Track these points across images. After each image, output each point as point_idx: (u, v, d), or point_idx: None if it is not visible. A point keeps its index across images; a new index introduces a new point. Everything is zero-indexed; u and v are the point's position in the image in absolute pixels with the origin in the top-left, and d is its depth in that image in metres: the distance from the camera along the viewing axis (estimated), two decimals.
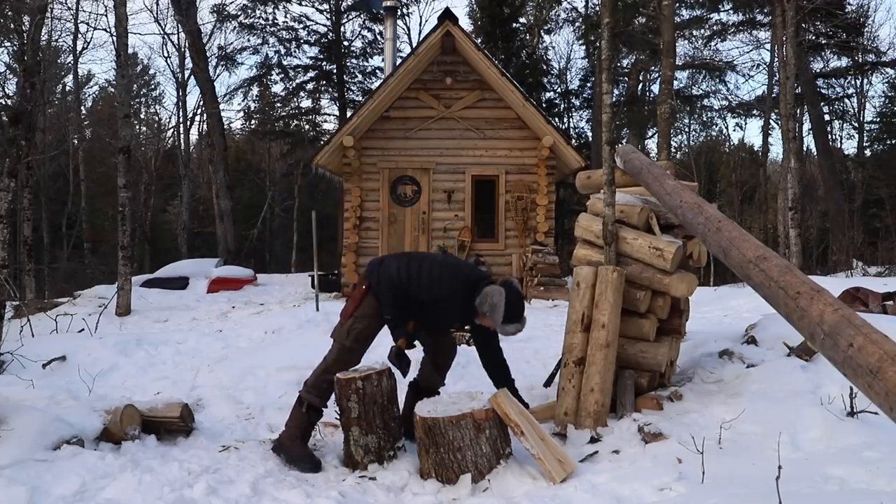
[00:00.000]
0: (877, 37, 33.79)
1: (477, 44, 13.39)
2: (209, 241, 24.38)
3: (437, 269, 3.82)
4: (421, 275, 3.75)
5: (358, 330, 3.81)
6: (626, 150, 4.86)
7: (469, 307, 3.75)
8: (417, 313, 3.82)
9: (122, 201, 10.96)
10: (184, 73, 25.63)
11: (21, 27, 12.68)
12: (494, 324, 3.70)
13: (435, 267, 3.83)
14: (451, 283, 3.76)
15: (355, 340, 3.82)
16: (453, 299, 3.75)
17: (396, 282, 3.73)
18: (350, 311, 3.84)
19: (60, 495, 3.15)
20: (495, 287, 3.72)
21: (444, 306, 3.78)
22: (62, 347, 6.19)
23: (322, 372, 3.86)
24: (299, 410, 3.87)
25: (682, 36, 22.37)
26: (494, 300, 3.67)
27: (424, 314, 3.82)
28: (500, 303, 3.66)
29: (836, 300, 2.24)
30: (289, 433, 3.87)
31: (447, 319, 3.95)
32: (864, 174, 23.32)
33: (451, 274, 3.80)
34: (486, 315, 3.69)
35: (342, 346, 3.83)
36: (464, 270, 3.90)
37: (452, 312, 3.85)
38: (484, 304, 3.69)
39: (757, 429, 3.62)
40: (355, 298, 3.86)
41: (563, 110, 27.81)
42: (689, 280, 4.23)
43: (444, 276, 3.78)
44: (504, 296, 3.67)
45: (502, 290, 3.69)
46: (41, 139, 20.38)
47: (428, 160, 13.54)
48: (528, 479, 3.36)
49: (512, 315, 3.70)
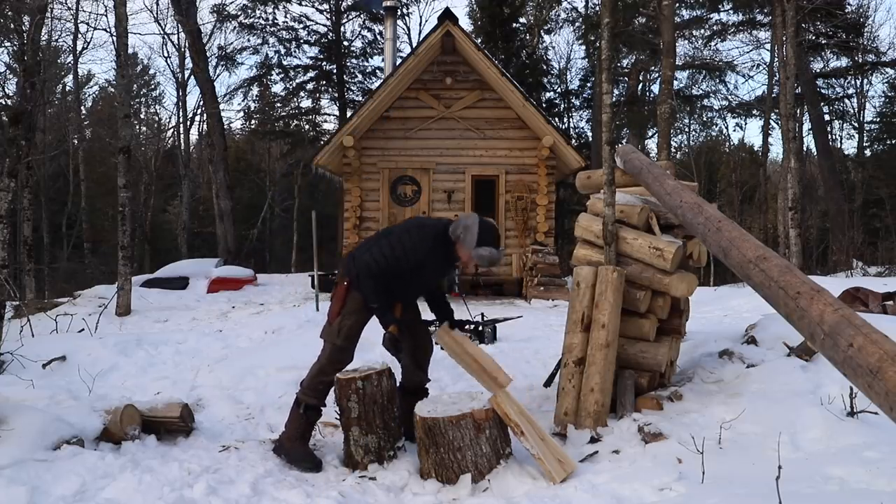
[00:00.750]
0: (877, 37, 33.83)
1: (477, 44, 13.40)
2: (209, 241, 24.39)
3: (406, 237, 3.81)
4: (395, 249, 3.74)
5: (347, 327, 3.81)
6: (626, 150, 4.86)
7: (449, 253, 3.81)
8: (404, 288, 3.84)
9: (122, 201, 10.96)
10: (184, 73, 25.66)
11: (21, 27, 12.68)
12: (468, 248, 3.69)
13: (405, 236, 3.82)
14: (425, 241, 3.78)
15: (346, 338, 3.81)
16: (434, 254, 3.78)
17: (375, 269, 3.72)
18: (336, 310, 3.85)
19: (60, 495, 3.15)
20: (469, 214, 3.82)
21: (428, 265, 3.81)
22: (62, 347, 6.19)
23: (317, 373, 3.86)
24: (297, 412, 3.88)
25: (682, 36, 22.37)
26: (468, 222, 3.73)
27: (411, 283, 3.85)
28: (474, 224, 3.70)
29: (836, 300, 2.24)
30: (288, 434, 3.87)
31: (433, 276, 4.02)
32: (864, 174, 23.32)
33: (422, 234, 3.82)
34: (461, 239, 3.71)
35: (334, 346, 3.83)
36: (429, 224, 3.95)
37: (436, 268, 3.91)
38: (458, 228, 3.73)
39: (757, 429, 3.62)
40: (339, 297, 3.86)
41: (563, 110, 27.82)
42: (689, 280, 4.23)
43: (416, 238, 3.79)
44: (477, 219, 3.74)
45: (476, 216, 3.78)
46: (41, 139, 20.38)
47: (428, 160, 13.55)
48: (528, 479, 3.36)
49: (486, 238, 3.69)
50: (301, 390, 3.90)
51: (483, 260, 3.72)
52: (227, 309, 11.30)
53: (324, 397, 3.90)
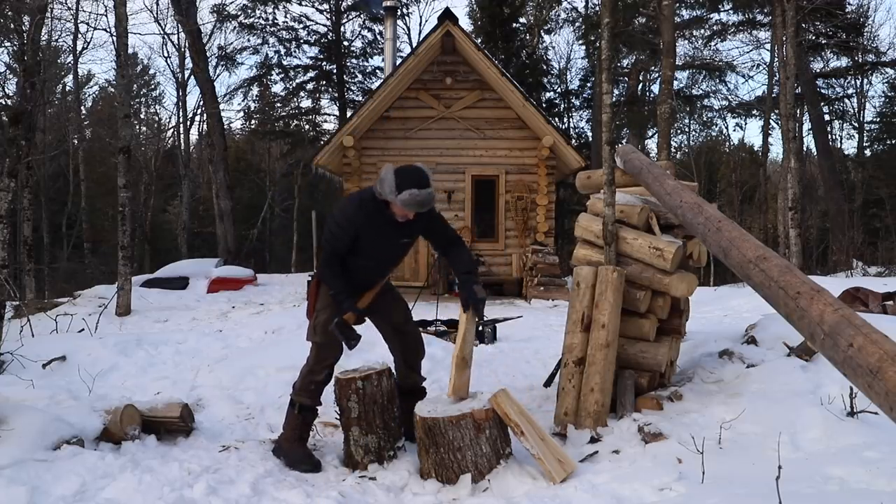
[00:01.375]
0: (877, 37, 33.85)
1: (477, 44, 13.40)
2: (209, 241, 24.39)
3: (338, 212, 3.72)
4: (331, 228, 3.66)
5: (321, 322, 3.74)
6: (626, 150, 4.86)
7: (388, 217, 3.59)
8: (363, 268, 3.73)
9: (122, 201, 10.96)
10: (184, 73, 25.65)
11: (21, 27, 12.69)
12: (392, 199, 3.45)
13: (336, 212, 3.74)
14: (352, 207, 3.63)
15: (323, 334, 3.75)
16: (369, 221, 3.60)
17: (330, 253, 3.66)
18: (311, 308, 3.87)
19: (60, 495, 3.15)
20: (385, 166, 3.58)
21: (371, 234, 3.62)
22: (62, 347, 6.18)
23: (307, 374, 3.83)
24: (293, 413, 3.85)
25: (682, 36, 22.38)
26: (383, 175, 3.49)
27: (369, 260, 3.71)
28: (388, 173, 3.46)
29: (836, 300, 2.24)
30: (286, 436, 3.85)
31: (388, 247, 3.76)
32: (864, 174, 23.32)
33: (349, 203, 3.69)
34: (382, 195, 3.49)
35: (317, 344, 3.80)
36: (357, 192, 3.82)
37: (383, 236, 3.66)
38: (377, 186, 3.54)
39: (757, 429, 3.61)
40: (312, 294, 3.88)
41: (563, 110, 27.84)
42: (689, 280, 4.23)
43: (345, 210, 3.67)
44: (392, 167, 3.51)
45: (391, 165, 3.56)
46: (41, 139, 20.38)
47: (428, 160, 13.51)
48: (528, 479, 3.36)
49: (404, 182, 3.42)
50: (294, 392, 3.88)
51: (409, 205, 3.44)
52: (227, 309, 11.30)
53: (317, 397, 3.88)
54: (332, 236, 3.66)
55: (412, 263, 13.53)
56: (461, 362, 3.65)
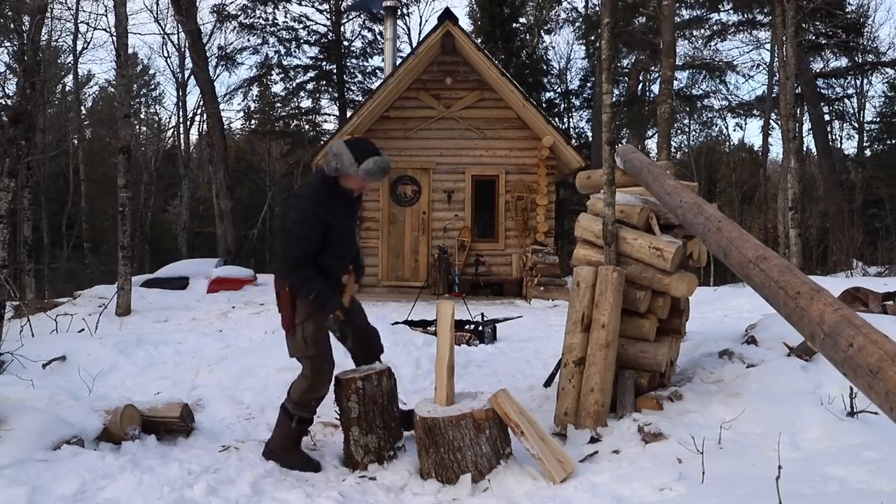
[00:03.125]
0: (877, 37, 33.80)
1: (477, 44, 13.40)
2: (209, 241, 24.38)
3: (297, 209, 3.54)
4: (298, 226, 3.49)
5: (311, 334, 3.62)
6: (626, 150, 4.86)
7: (340, 195, 3.56)
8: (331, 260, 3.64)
9: (122, 201, 10.96)
10: (184, 73, 25.66)
11: (21, 27, 12.69)
12: (352, 172, 3.42)
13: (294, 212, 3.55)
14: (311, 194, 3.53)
15: (315, 345, 3.63)
16: (329, 205, 3.53)
17: (301, 257, 3.49)
18: (289, 320, 3.63)
19: (60, 495, 3.15)
20: (332, 142, 3.60)
21: (332, 219, 3.55)
22: (62, 347, 6.18)
23: (308, 391, 3.67)
24: (289, 424, 3.72)
25: (682, 36, 22.37)
26: (335, 149, 3.46)
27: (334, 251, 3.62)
28: (342, 146, 3.45)
29: (836, 300, 2.24)
30: (282, 444, 3.74)
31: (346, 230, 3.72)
32: (864, 174, 23.32)
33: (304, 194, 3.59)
34: (340, 170, 3.45)
35: (310, 357, 3.64)
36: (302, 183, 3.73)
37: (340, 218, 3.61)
38: (330, 163, 3.46)
39: (757, 429, 3.62)
40: (286, 305, 3.63)
41: (563, 110, 27.84)
42: (689, 280, 4.23)
43: (305, 202, 3.53)
44: (342, 141, 3.49)
45: (340, 142, 3.51)
46: (41, 139, 20.39)
47: (428, 160, 13.56)
48: (528, 479, 3.36)
49: (361, 152, 3.42)
50: (293, 405, 3.71)
51: (373, 174, 3.44)
52: (227, 309, 11.29)
53: (316, 409, 3.82)
54: (301, 237, 3.48)
55: (412, 263, 13.54)
56: (451, 371, 3.62)
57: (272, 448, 3.77)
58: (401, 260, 13.59)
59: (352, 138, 3.55)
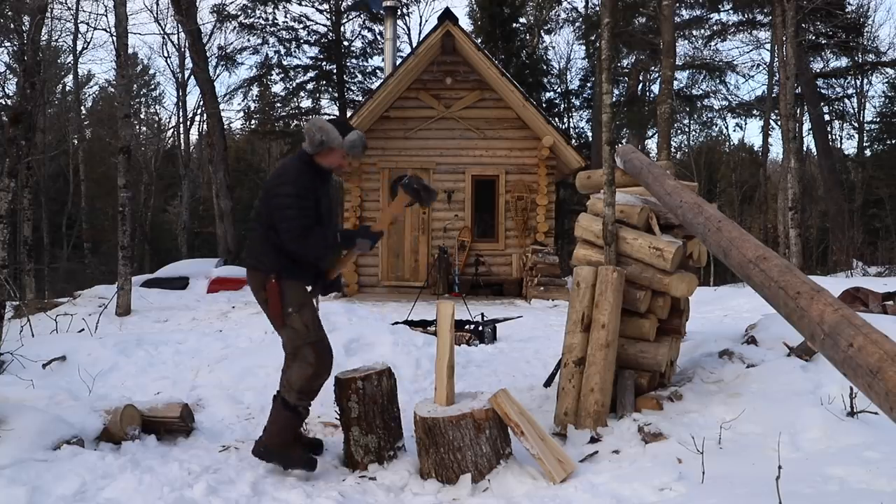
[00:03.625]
0: (877, 37, 33.83)
1: (477, 44, 13.40)
2: (209, 241, 24.40)
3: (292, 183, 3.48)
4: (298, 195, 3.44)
5: (310, 319, 3.56)
6: (626, 150, 4.86)
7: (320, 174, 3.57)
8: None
9: (122, 201, 10.96)
10: (184, 73, 25.68)
11: (21, 27, 12.69)
12: (338, 146, 3.50)
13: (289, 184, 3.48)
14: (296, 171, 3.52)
15: (316, 330, 3.58)
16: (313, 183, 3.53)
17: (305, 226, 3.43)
18: (279, 311, 3.53)
19: (60, 495, 3.15)
20: (310, 119, 3.61)
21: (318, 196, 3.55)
22: (62, 347, 6.18)
23: (311, 378, 3.57)
24: (289, 416, 3.60)
25: (682, 36, 22.38)
26: (318, 124, 3.52)
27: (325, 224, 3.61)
28: (323, 122, 3.53)
29: (836, 300, 2.24)
30: (279, 440, 3.59)
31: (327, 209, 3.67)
32: (864, 174, 23.31)
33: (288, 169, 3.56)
34: (325, 143, 3.49)
35: (312, 343, 3.56)
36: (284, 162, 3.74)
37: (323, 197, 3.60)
38: (314, 138, 3.49)
39: (757, 429, 3.62)
40: (273, 296, 3.51)
41: (563, 110, 27.85)
42: (689, 280, 4.23)
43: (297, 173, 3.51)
44: (320, 118, 3.58)
45: (318, 117, 3.59)
46: (41, 139, 20.39)
47: (428, 160, 13.55)
48: (528, 479, 3.36)
49: (344, 128, 3.53)
50: (296, 396, 3.58)
51: (357, 146, 3.56)
52: (227, 309, 11.29)
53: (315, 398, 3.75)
54: (302, 208, 3.44)
55: (412, 263, 13.54)
56: (451, 371, 3.62)
57: (268, 446, 3.59)
58: (401, 260, 13.59)
59: (330, 118, 3.61)
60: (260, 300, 3.64)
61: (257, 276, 3.60)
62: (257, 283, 3.60)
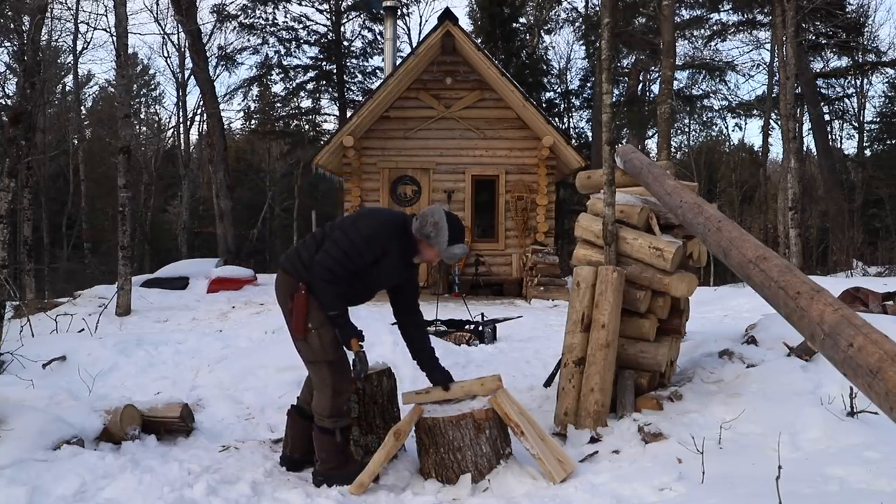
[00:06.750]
0: (877, 37, 33.82)
1: (477, 44, 13.41)
2: (209, 241, 24.38)
3: (364, 226, 3.41)
4: (355, 244, 3.35)
5: (330, 339, 3.44)
6: (626, 150, 4.86)
7: (409, 251, 3.47)
8: (357, 292, 3.53)
9: (122, 201, 10.96)
10: (184, 73, 25.67)
11: (21, 27, 12.70)
12: (439, 248, 3.38)
13: (362, 226, 3.41)
14: (386, 230, 3.41)
15: (335, 350, 3.46)
16: (392, 250, 3.42)
17: (340, 270, 3.32)
18: (301, 325, 3.42)
19: (60, 495, 3.15)
20: (432, 207, 3.47)
21: (383, 263, 3.43)
22: (62, 347, 6.18)
23: (334, 395, 3.45)
24: (334, 441, 3.47)
25: (682, 36, 22.38)
26: (436, 218, 3.37)
27: (364, 286, 3.50)
28: (443, 221, 3.37)
29: (836, 300, 2.24)
30: (336, 462, 3.49)
31: (386, 279, 3.55)
32: (864, 174, 23.32)
33: (381, 224, 3.45)
34: (430, 238, 3.37)
35: (330, 362, 3.45)
36: (386, 214, 3.62)
37: (392, 267, 3.49)
38: (426, 225, 3.37)
39: (757, 429, 3.62)
40: (299, 308, 3.41)
41: (563, 110, 27.85)
42: (689, 280, 4.23)
43: (375, 229, 3.40)
44: (445, 216, 3.40)
45: (441, 209, 3.43)
46: (41, 139, 20.40)
47: (428, 160, 13.56)
48: (528, 479, 3.36)
49: (457, 236, 3.41)
50: (330, 421, 3.46)
51: (454, 258, 3.47)
52: (227, 309, 11.29)
53: (349, 410, 3.64)
54: (352, 253, 3.35)
55: None
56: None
57: (328, 473, 3.49)
58: None
59: (453, 217, 3.44)
60: (283, 306, 3.54)
61: (288, 280, 3.50)
62: (286, 287, 3.51)
